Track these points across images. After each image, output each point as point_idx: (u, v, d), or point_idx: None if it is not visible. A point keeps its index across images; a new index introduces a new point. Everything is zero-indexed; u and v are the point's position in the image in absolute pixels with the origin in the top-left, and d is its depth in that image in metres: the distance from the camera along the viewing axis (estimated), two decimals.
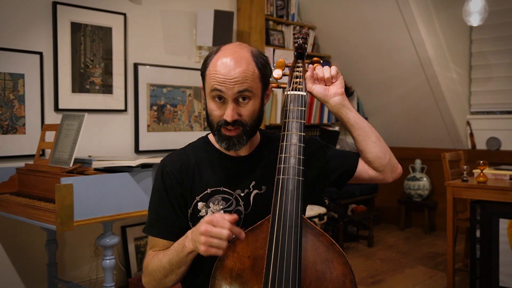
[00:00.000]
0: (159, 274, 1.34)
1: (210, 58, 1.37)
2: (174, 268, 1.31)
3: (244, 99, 1.33)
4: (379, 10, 4.71)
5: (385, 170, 1.48)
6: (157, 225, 1.40)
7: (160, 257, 1.34)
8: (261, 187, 1.41)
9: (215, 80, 1.31)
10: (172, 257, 1.31)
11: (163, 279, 1.34)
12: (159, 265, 1.33)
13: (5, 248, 3.13)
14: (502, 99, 4.93)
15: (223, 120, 1.33)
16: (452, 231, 3.50)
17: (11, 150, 3.14)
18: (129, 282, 3.48)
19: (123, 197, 2.66)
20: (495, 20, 4.73)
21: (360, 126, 1.45)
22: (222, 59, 1.33)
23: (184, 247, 1.27)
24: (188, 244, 1.26)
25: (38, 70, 3.24)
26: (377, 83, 5.28)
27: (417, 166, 5.35)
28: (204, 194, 1.38)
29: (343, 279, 1.24)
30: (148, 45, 3.87)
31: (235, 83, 1.30)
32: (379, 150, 1.46)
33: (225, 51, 1.35)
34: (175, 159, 1.43)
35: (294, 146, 1.31)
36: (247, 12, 4.48)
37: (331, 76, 1.43)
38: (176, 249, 1.30)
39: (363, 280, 3.78)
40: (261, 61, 1.37)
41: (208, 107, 1.37)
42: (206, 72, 1.36)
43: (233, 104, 1.32)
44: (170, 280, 1.34)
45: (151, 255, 1.39)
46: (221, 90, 1.30)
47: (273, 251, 1.22)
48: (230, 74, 1.30)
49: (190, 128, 4.10)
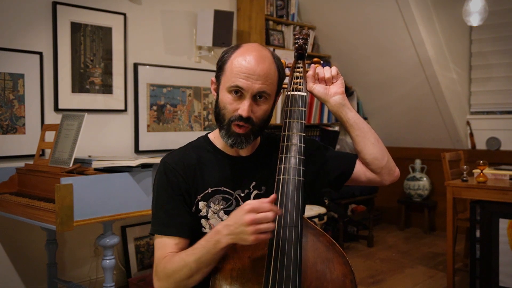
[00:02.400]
0: (183, 275, 1.26)
1: (230, 52, 1.37)
2: (203, 267, 1.25)
3: (261, 97, 1.33)
4: (379, 10, 4.71)
5: (383, 172, 1.48)
6: (170, 224, 1.35)
7: (183, 257, 1.27)
8: (261, 187, 1.42)
9: (238, 74, 1.31)
10: (201, 255, 1.24)
11: (187, 280, 1.27)
12: (183, 266, 1.26)
13: (5, 248, 3.13)
14: (502, 99, 4.93)
15: (237, 115, 1.32)
16: (452, 231, 3.50)
17: (11, 150, 3.14)
18: (129, 282, 3.48)
19: (123, 197, 2.66)
20: (495, 20, 4.73)
21: (359, 126, 1.45)
22: (247, 54, 1.33)
23: (218, 243, 1.22)
24: (224, 239, 1.21)
25: (38, 70, 3.24)
26: (377, 83, 5.28)
27: (417, 166, 5.35)
28: (205, 194, 1.38)
29: (343, 279, 1.24)
30: (148, 45, 3.86)
31: (257, 80, 1.31)
32: (377, 151, 1.46)
33: (248, 47, 1.36)
34: (177, 157, 1.41)
35: (294, 146, 1.32)
36: (247, 12, 4.48)
37: (331, 76, 1.44)
38: (206, 246, 1.23)
39: (363, 280, 3.78)
40: (280, 64, 1.39)
41: (222, 100, 1.35)
42: (227, 65, 1.35)
43: (250, 100, 1.32)
44: (194, 280, 1.27)
45: (168, 256, 1.31)
46: (242, 84, 1.30)
47: (274, 251, 1.22)
48: (254, 70, 1.31)
49: (190, 128, 4.10)
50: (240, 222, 1.17)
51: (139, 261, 3.70)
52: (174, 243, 1.34)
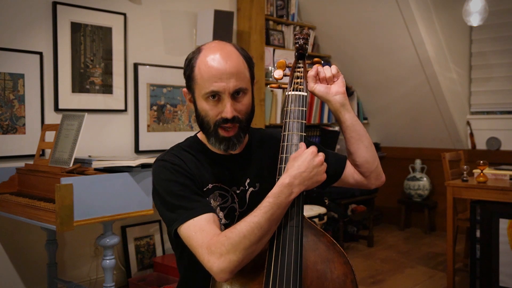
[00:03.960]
0: (254, 238, 1.17)
1: (194, 59, 1.34)
2: (273, 224, 1.20)
3: (239, 94, 1.32)
4: (379, 10, 4.71)
5: (371, 176, 1.50)
6: (196, 205, 1.26)
7: (250, 221, 1.18)
8: (255, 184, 1.42)
9: (210, 78, 1.29)
10: (273, 212, 1.18)
11: (257, 243, 1.18)
12: (254, 227, 1.17)
13: (5, 248, 3.13)
14: (502, 99, 4.93)
15: (220, 119, 1.31)
16: (452, 231, 3.50)
17: (11, 150, 3.14)
18: (129, 282, 3.48)
19: (123, 197, 2.66)
20: (495, 20, 4.73)
21: (355, 128, 1.44)
22: (211, 55, 1.31)
23: (291, 194, 1.21)
24: (296, 189, 1.21)
25: (38, 70, 3.24)
26: (377, 83, 5.28)
27: (417, 166, 5.35)
28: (207, 189, 1.36)
29: (344, 279, 1.24)
30: (148, 45, 3.86)
31: (230, 78, 1.29)
32: (369, 155, 1.47)
33: (210, 48, 1.33)
34: (173, 155, 1.37)
35: (295, 146, 1.31)
36: (247, 12, 4.48)
37: (332, 75, 1.43)
38: (277, 202, 1.19)
39: (363, 280, 3.78)
40: (245, 54, 1.38)
41: (201, 109, 1.33)
42: (195, 73, 1.33)
43: (230, 100, 1.30)
44: (263, 243, 1.20)
45: (221, 230, 1.22)
46: (218, 88, 1.29)
47: (274, 250, 1.22)
48: (224, 69, 1.29)
49: (190, 128, 4.10)
50: (313, 164, 1.23)
51: (139, 261, 3.70)
52: (212, 220, 1.25)
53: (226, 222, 1.37)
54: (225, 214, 1.37)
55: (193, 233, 1.22)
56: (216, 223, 1.26)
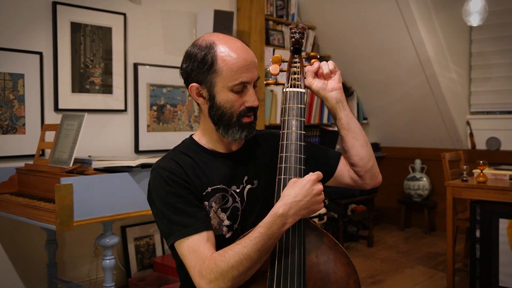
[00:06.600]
0: (243, 268, 1.17)
1: (212, 50, 1.30)
2: (264, 255, 1.19)
3: (254, 83, 1.34)
4: (379, 10, 4.71)
5: (366, 176, 1.46)
6: (193, 221, 1.24)
7: (239, 250, 1.17)
8: (253, 181, 1.40)
9: (239, 69, 1.28)
10: (264, 243, 1.17)
11: (246, 272, 1.18)
12: (243, 258, 1.17)
13: (5, 248, 3.12)
14: (502, 99, 4.93)
15: (245, 108, 1.32)
16: (452, 231, 3.50)
17: (11, 150, 3.13)
18: (129, 282, 3.48)
19: (123, 197, 2.66)
20: (495, 20, 4.73)
21: (351, 126, 1.42)
22: (233, 46, 1.31)
23: (284, 225, 1.18)
24: (290, 219, 1.18)
25: (38, 70, 3.24)
26: (377, 83, 5.27)
27: (417, 166, 5.35)
28: (206, 193, 1.34)
29: (347, 279, 1.23)
30: (148, 45, 3.86)
31: (254, 67, 1.32)
32: (364, 154, 1.44)
33: (225, 40, 1.33)
34: (171, 161, 1.34)
35: (294, 145, 1.30)
36: (247, 12, 4.48)
37: (329, 70, 1.42)
38: (268, 233, 1.17)
39: (363, 280, 3.77)
40: None
41: (225, 100, 1.30)
42: (219, 66, 1.29)
43: (252, 88, 1.32)
44: (253, 271, 1.20)
45: (214, 255, 1.20)
46: (247, 78, 1.30)
47: (277, 251, 1.22)
48: (250, 59, 1.31)
49: (190, 128, 4.10)
50: (312, 193, 1.20)
51: (139, 261, 3.70)
52: (206, 239, 1.24)
53: (229, 224, 1.35)
54: (228, 215, 1.35)
55: (187, 253, 1.24)
56: (210, 241, 1.25)
